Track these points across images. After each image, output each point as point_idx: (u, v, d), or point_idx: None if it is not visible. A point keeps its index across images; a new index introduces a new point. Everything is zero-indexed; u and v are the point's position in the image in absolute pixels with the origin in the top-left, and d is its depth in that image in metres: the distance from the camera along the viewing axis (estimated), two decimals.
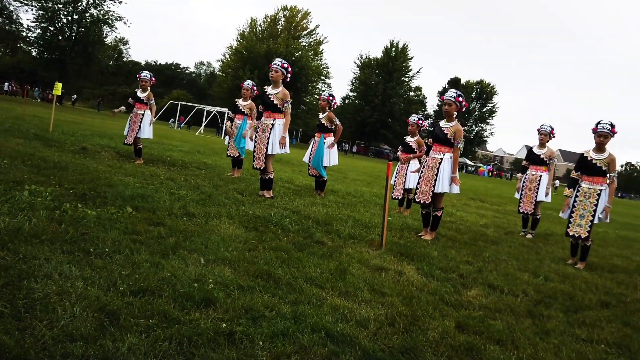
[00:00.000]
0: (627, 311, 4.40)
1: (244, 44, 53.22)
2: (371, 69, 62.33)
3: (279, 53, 49.03)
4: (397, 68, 61.43)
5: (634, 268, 6.94)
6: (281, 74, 7.17)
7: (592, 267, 6.41)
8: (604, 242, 9.51)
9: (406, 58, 62.39)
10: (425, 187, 6.33)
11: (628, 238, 11.29)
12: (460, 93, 6.34)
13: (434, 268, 4.76)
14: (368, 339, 2.72)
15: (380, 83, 60.51)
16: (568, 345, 3.20)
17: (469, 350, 2.83)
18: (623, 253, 8.44)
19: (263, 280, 3.39)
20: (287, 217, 5.80)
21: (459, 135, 6.24)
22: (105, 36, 53.28)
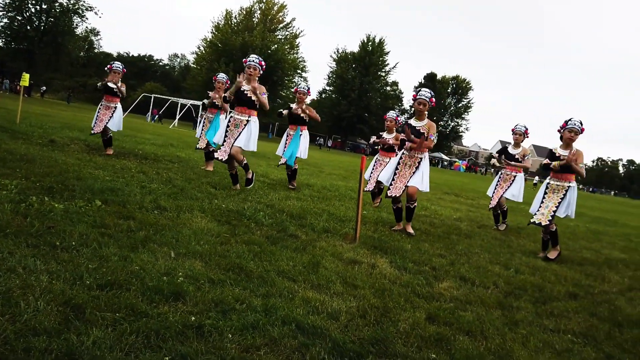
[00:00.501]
0: (594, 302, 4.53)
1: (219, 37, 52.66)
2: (348, 63, 62.41)
3: (255, 46, 48.71)
4: (373, 62, 61.64)
5: (602, 261, 7.13)
6: (258, 72, 7.13)
7: (562, 260, 6.56)
8: (574, 236, 9.74)
9: (383, 52, 62.65)
10: (400, 183, 6.39)
11: (598, 232, 11.59)
12: (432, 93, 6.48)
13: (407, 261, 4.81)
14: (339, 331, 2.74)
15: (357, 77, 60.65)
16: (535, 335, 3.28)
17: (439, 341, 2.88)
18: (592, 246, 8.66)
19: (234, 274, 3.38)
20: (260, 210, 5.78)
21: (432, 130, 6.32)
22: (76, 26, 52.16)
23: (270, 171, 11.43)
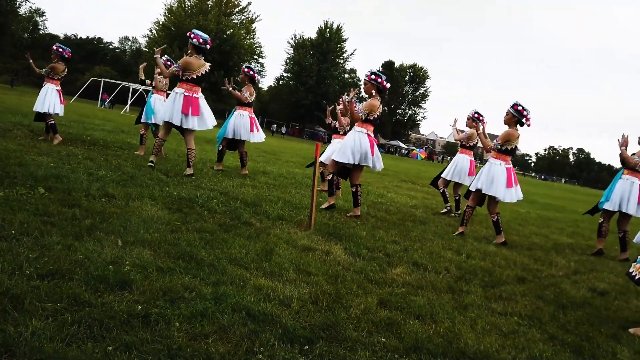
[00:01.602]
0: (541, 285, 4.72)
1: (172, 20, 51.27)
2: (305, 49, 62.10)
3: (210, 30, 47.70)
4: (331, 49, 61.57)
5: (550, 246, 7.43)
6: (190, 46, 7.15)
7: (512, 245, 6.79)
8: (524, 222, 10.10)
9: (340, 39, 62.63)
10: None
11: (547, 218, 12.05)
12: (375, 72, 6.55)
13: (361, 247, 4.87)
14: (290, 317, 2.76)
15: (315, 64, 60.47)
16: (483, 318, 3.39)
17: (389, 325, 2.94)
18: (542, 232, 9.01)
19: (184, 262, 3.34)
20: (214, 198, 5.72)
21: (365, 106, 6.52)
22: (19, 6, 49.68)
23: (225, 158, 11.29)
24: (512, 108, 6.47)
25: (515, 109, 6.45)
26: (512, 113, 6.47)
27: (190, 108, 6.90)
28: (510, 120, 6.50)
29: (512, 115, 6.47)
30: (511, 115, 6.48)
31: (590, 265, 6.28)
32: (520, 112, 6.44)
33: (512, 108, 6.47)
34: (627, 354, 3.17)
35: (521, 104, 6.49)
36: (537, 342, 3.10)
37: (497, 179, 6.51)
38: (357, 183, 6.70)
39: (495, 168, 6.55)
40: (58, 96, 8.54)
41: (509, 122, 6.54)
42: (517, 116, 6.45)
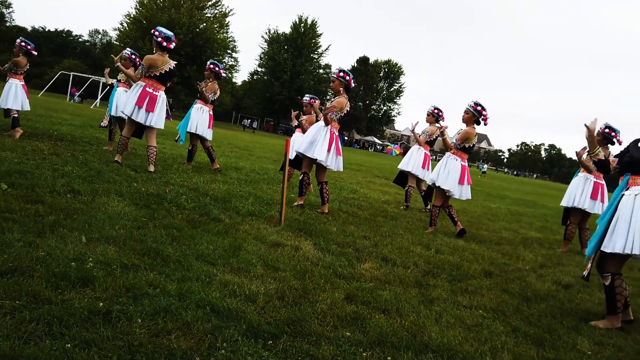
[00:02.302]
0: (507, 279, 4.83)
1: (143, 13, 50.34)
2: (280, 44, 61.86)
3: (182, 24, 47.11)
4: (306, 44, 61.49)
5: (519, 240, 7.60)
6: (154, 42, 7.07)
7: (482, 240, 6.92)
8: (495, 217, 10.29)
9: (315, 34, 62.58)
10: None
11: (517, 213, 12.30)
12: (344, 69, 6.58)
13: (331, 243, 4.91)
14: (256, 313, 2.77)
15: (289, 59, 60.30)
16: (449, 312, 3.46)
17: (355, 320, 2.98)
18: (511, 227, 9.20)
19: (150, 259, 3.31)
20: (183, 194, 5.68)
21: (333, 103, 6.53)
22: None
23: (197, 154, 11.20)
24: (472, 107, 6.59)
25: (474, 109, 6.57)
26: (471, 112, 6.59)
27: (146, 102, 6.82)
28: (470, 119, 6.63)
29: (472, 114, 6.59)
30: (471, 114, 6.61)
31: (557, 259, 6.45)
32: (479, 112, 6.58)
33: (472, 107, 6.58)
34: (587, 345, 3.27)
35: (480, 103, 6.63)
36: (500, 335, 3.17)
37: (452, 174, 6.65)
38: (323, 180, 6.73)
39: (452, 163, 6.69)
40: (24, 92, 8.38)
41: (468, 120, 6.67)
42: (476, 115, 6.59)
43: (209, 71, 8.51)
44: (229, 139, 21.46)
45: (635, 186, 3.76)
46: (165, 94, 7.26)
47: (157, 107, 6.95)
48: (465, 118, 6.68)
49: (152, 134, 7.09)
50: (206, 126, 8.40)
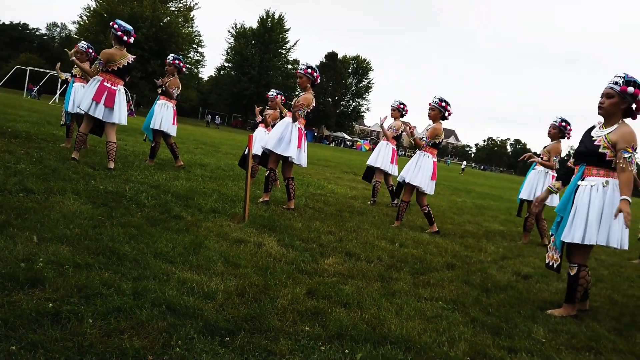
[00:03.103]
0: (469, 271, 4.93)
1: (104, 6, 49.17)
2: (247, 39, 61.34)
3: (145, 17, 46.23)
4: (273, 39, 61.18)
5: (482, 233, 7.76)
6: (113, 36, 6.94)
7: (446, 233, 7.04)
8: (460, 211, 10.48)
9: (283, 29, 62.33)
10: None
11: (482, 206, 12.56)
12: (311, 65, 6.58)
13: (295, 239, 4.91)
14: (214, 310, 2.75)
15: (257, 54, 59.90)
16: (409, 304, 3.51)
17: (315, 314, 2.99)
18: (476, 220, 9.39)
19: (105, 258, 3.25)
20: (143, 192, 5.59)
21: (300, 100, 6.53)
22: None
23: (161, 150, 11.03)
24: (437, 104, 6.68)
25: (440, 105, 6.68)
26: (437, 108, 6.69)
27: (104, 97, 6.68)
28: (437, 115, 6.73)
29: (439, 110, 6.69)
30: (437, 110, 6.70)
31: (518, 251, 6.62)
32: (444, 107, 6.69)
33: (438, 104, 6.68)
34: (542, 332, 3.37)
35: (445, 98, 6.74)
36: (458, 325, 3.24)
37: (424, 170, 6.74)
38: (289, 176, 6.73)
39: (425, 160, 6.78)
40: None
41: (434, 117, 6.77)
42: (442, 111, 6.69)
43: (172, 66, 8.39)
44: (194, 135, 21.20)
45: (590, 176, 3.88)
46: (127, 89, 7.13)
47: (116, 102, 6.80)
48: (432, 115, 6.76)
49: (112, 129, 6.94)
50: (170, 122, 8.31)
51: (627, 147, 3.69)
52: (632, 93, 3.69)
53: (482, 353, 2.84)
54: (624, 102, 3.75)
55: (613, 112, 3.80)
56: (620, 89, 3.71)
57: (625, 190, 3.64)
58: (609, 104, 3.78)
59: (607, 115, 3.85)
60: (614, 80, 3.78)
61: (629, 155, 3.69)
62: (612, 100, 3.77)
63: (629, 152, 3.69)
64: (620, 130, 3.75)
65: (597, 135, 3.87)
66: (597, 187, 3.78)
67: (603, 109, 3.83)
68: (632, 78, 3.72)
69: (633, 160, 3.71)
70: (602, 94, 3.84)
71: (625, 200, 3.60)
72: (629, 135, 3.70)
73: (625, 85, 3.70)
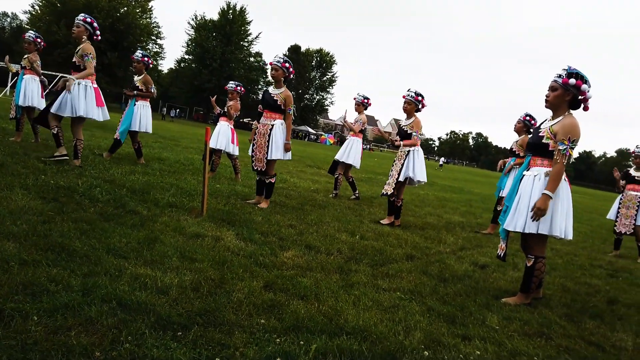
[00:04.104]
0: (428, 262, 5.02)
1: None
2: (208, 31, 60.34)
3: (101, 8, 44.91)
4: (235, 31, 60.40)
5: (442, 225, 7.90)
6: (83, 29, 6.73)
7: (407, 225, 7.14)
8: (422, 203, 10.64)
9: (244, 22, 61.60)
10: (260, 154, 6.42)
11: (444, 199, 12.78)
12: (287, 59, 6.48)
13: (254, 232, 4.89)
14: (167, 305, 2.72)
15: (218, 46, 59.05)
16: (367, 295, 3.55)
17: (272, 307, 2.99)
18: (437, 212, 9.54)
19: (54, 254, 3.17)
20: (97, 186, 5.46)
21: (289, 101, 6.40)
22: None
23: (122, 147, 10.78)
24: (413, 98, 6.73)
25: (416, 99, 6.74)
26: (414, 102, 6.76)
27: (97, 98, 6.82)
28: (413, 108, 6.80)
29: (415, 104, 6.76)
30: (414, 104, 6.77)
31: (477, 241, 6.77)
32: (420, 101, 6.78)
33: (414, 98, 6.73)
34: (496, 320, 3.47)
35: (419, 92, 6.81)
36: (415, 315, 3.30)
37: (423, 165, 6.90)
38: (274, 174, 6.62)
39: (421, 154, 6.90)
40: None
41: (411, 110, 6.82)
42: (417, 104, 6.78)
43: (141, 64, 8.25)
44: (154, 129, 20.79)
45: (534, 167, 4.01)
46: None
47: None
48: (408, 109, 6.81)
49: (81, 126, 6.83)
50: (150, 121, 8.47)
51: (563, 139, 3.80)
52: (574, 84, 3.82)
53: (436, 341, 2.90)
54: (567, 94, 3.87)
55: (558, 104, 3.92)
56: (562, 81, 3.84)
57: (550, 184, 3.78)
58: (553, 96, 3.91)
59: (553, 108, 3.98)
60: (558, 73, 3.91)
61: (564, 147, 3.79)
62: (556, 92, 3.90)
63: (564, 144, 3.79)
64: (562, 122, 3.87)
65: (543, 127, 4.01)
66: (539, 177, 3.91)
67: (548, 101, 3.96)
68: (574, 70, 3.85)
69: (568, 152, 3.80)
70: (548, 87, 3.97)
71: (545, 196, 3.75)
72: (568, 127, 3.81)
73: (567, 77, 3.83)
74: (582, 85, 3.81)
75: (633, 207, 7.70)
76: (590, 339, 3.42)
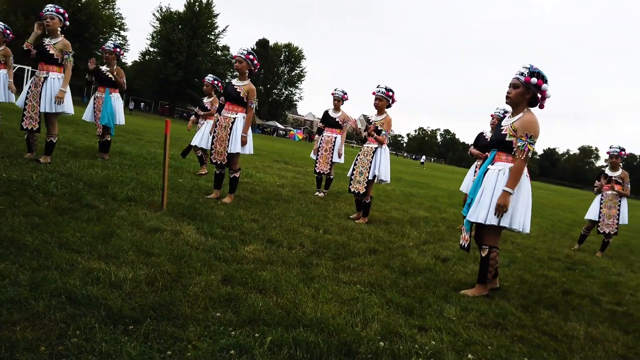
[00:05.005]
0: (390, 256, 5.07)
1: None
2: (173, 23, 59.35)
3: None
4: (202, 24, 59.61)
5: (407, 219, 7.99)
6: (58, 21, 6.53)
7: (372, 220, 7.20)
8: (387, 198, 10.74)
9: (211, 14, 60.84)
10: (220, 147, 6.36)
11: (410, 194, 12.93)
12: (251, 51, 6.42)
13: (216, 227, 4.86)
14: (119, 299, 2.68)
15: (185, 39, 58.15)
16: (327, 288, 3.57)
17: (229, 301, 2.98)
18: (402, 207, 9.65)
19: (2, 248, 3.08)
20: (52, 180, 5.33)
21: (252, 94, 6.35)
22: None
23: (77, 138, 10.56)
24: (384, 94, 6.75)
25: (387, 95, 6.77)
26: (385, 98, 6.78)
27: None
28: (384, 104, 6.83)
29: (386, 100, 6.80)
30: (385, 100, 6.80)
31: (439, 235, 6.88)
32: (391, 97, 6.82)
33: (385, 94, 6.76)
34: (453, 311, 3.53)
35: (390, 87, 6.84)
36: (373, 307, 3.33)
37: (387, 164, 6.93)
38: (238, 168, 6.57)
39: (388, 153, 6.93)
40: None
41: (382, 107, 6.84)
42: (389, 100, 6.81)
43: (113, 54, 8.05)
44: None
45: (499, 162, 4.10)
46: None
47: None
48: (379, 105, 6.82)
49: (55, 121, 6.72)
50: (123, 113, 8.30)
51: (521, 136, 3.91)
52: (535, 84, 3.93)
53: (393, 332, 2.94)
54: (528, 92, 3.98)
55: (519, 101, 4.03)
56: (524, 79, 3.94)
57: (510, 181, 3.90)
58: (515, 93, 4.01)
59: (513, 105, 4.08)
60: (519, 71, 4.01)
61: (522, 143, 3.90)
62: (517, 90, 4.00)
63: (522, 141, 3.90)
64: (522, 119, 3.97)
65: (505, 124, 4.10)
66: (503, 171, 4.01)
67: (510, 98, 4.05)
68: (535, 69, 3.96)
69: (527, 148, 3.90)
70: (509, 84, 4.06)
71: (505, 192, 3.87)
72: (527, 124, 3.92)
73: (529, 76, 3.94)
74: (542, 84, 3.93)
75: (614, 206, 7.91)
76: (544, 328, 3.52)
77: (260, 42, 72.46)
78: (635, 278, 6.32)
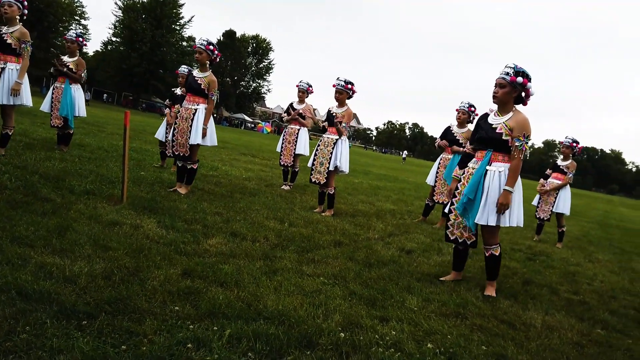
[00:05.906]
0: (355, 248, 5.10)
1: None
2: (137, 12, 58.00)
3: None
4: (166, 14, 58.41)
5: (373, 212, 8.06)
6: (16, 8, 6.33)
7: (338, 212, 7.23)
8: (355, 191, 10.80)
9: (176, 4, 59.66)
10: (182, 139, 6.28)
11: (377, 187, 13.03)
12: (211, 42, 6.35)
13: (178, 220, 4.80)
14: (73, 294, 2.62)
15: (149, 29, 56.90)
16: (290, 281, 3.57)
17: (188, 294, 2.95)
18: (369, 200, 9.72)
19: None
20: (6, 172, 5.18)
21: (212, 86, 6.29)
22: None
23: (34, 130, 10.26)
24: (343, 87, 6.78)
25: (346, 87, 6.80)
26: (345, 91, 6.81)
27: None
28: (345, 97, 6.87)
29: (347, 93, 6.83)
30: (345, 93, 6.82)
31: (405, 228, 6.96)
32: (351, 89, 6.85)
33: (344, 87, 6.78)
34: (415, 302, 3.59)
35: (350, 80, 6.87)
36: (336, 298, 3.35)
37: (347, 155, 6.99)
38: (196, 159, 6.50)
39: (347, 146, 6.97)
40: None
41: (343, 100, 6.88)
42: (349, 93, 6.84)
43: (75, 44, 7.81)
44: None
45: (497, 162, 4.18)
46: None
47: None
48: (340, 98, 6.84)
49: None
50: (84, 105, 8.11)
51: (519, 135, 4.05)
52: (521, 83, 4.07)
53: (354, 323, 2.97)
54: (514, 91, 4.12)
55: (506, 100, 4.14)
56: (510, 79, 4.05)
57: (509, 180, 4.04)
58: (502, 93, 4.11)
59: (501, 104, 4.19)
60: (505, 70, 4.11)
61: (520, 143, 4.05)
62: (504, 89, 4.10)
63: (520, 140, 4.05)
64: (515, 118, 4.10)
65: (497, 123, 4.16)
66: (504, 173, 4.12)
67: (497, 97, 4.15)
68: (520, 69, 4.09)
69: (524, 147, 4.06)
70: (495, 83, 4.15)
71: (507, 192, 4.01)
72: (523, 123, 4.07)
73: (515, 75, 4.06)
74: (527, 83, 4.07)
75: (552, 194, 8.15)
76: (503, 317, 3.61)
77: (227, 33, 71.67)
78: (593, 268, 6.54)
